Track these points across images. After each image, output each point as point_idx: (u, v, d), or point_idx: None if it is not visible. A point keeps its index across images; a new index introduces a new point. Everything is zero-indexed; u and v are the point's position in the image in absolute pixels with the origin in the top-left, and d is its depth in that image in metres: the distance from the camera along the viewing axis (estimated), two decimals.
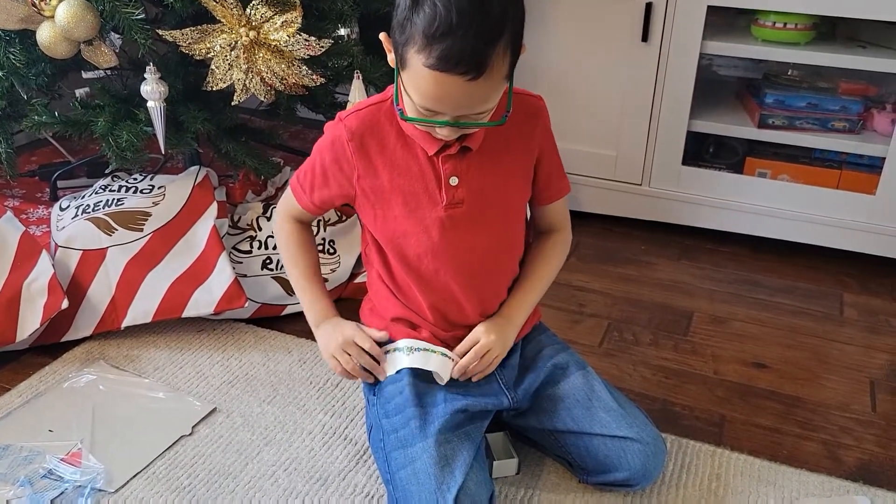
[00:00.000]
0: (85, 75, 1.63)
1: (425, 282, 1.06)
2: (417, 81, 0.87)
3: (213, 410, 1.26)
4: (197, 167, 1.65)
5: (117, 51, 1.43)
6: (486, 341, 1.06)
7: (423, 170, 1.01)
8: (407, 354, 1.06)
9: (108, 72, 1.57)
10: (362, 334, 1.08)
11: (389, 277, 1.09)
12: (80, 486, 1.10)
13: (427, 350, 1.05)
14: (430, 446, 0.98)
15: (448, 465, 0.96)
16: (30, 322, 1.35)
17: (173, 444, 1.19)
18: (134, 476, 1.12)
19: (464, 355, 1.06)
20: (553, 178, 1.11)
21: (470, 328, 1.09)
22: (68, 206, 1.61)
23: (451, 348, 1.08)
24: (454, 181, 1.01)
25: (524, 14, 0.88)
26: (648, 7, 1.67)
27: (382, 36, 0.93)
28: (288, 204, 1.14)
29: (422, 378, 1.07)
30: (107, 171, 1.71)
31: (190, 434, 1.21)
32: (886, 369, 1.42)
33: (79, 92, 1.65)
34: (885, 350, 1.47)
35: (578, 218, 1.33)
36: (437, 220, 1.02)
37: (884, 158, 1.63)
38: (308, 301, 1.13)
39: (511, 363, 1.12)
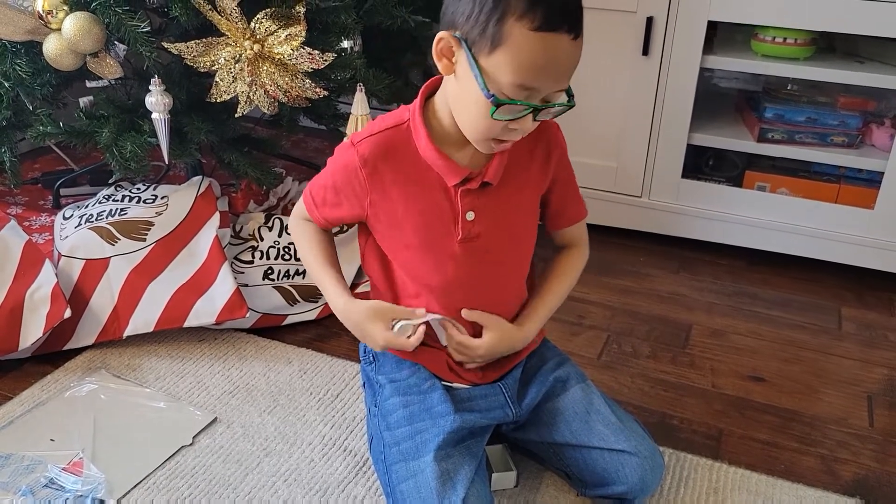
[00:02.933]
0: (89, 84, 1.64)
1: (434, 301, 1.05)
2: (521, 53, 0.84)
3: (214, 420, 1.27)
4: (199, 177, 1.66)
5: (121, 60, 1.45)
6: (479, 343, 1.06)
7: (439, 202, 1.00)
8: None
9: (113, 81, 1.58)
10: (394, 340, 1.00)
11: (392, 295, 1.08)
12: (81, 495, 1.10)
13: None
14: (432, 460, 0.98)
15: (450, 480, 0.96)
16: (32, 331, 1.36)
17: (174, 453, 1.19)
18: (135, 486, 1.13)
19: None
20: (568, 203, 1.11)
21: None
22: (72, 215, 1.62)
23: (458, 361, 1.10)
24: (471, 216, 1.00)
25: None
26: (649, 21, 1.68)
27: (443, 35, 0.89)
28: (301, 211, 1.12)
29: (425, 392, 1.08)
30: (110, 182, 1.72)
31: (190, 444, 1.22)
32: (884, 384, 1.42)
33: (82, 100, 1.67)
34: (883, 364, 1.48)
35: None
36: (451, 254, 1.02)
37: (882, 173, 1.64)
38: (327, 286, 1.08)
39: (513, 376, 1.12)
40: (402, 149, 0.99)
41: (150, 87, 1.38)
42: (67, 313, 1.37)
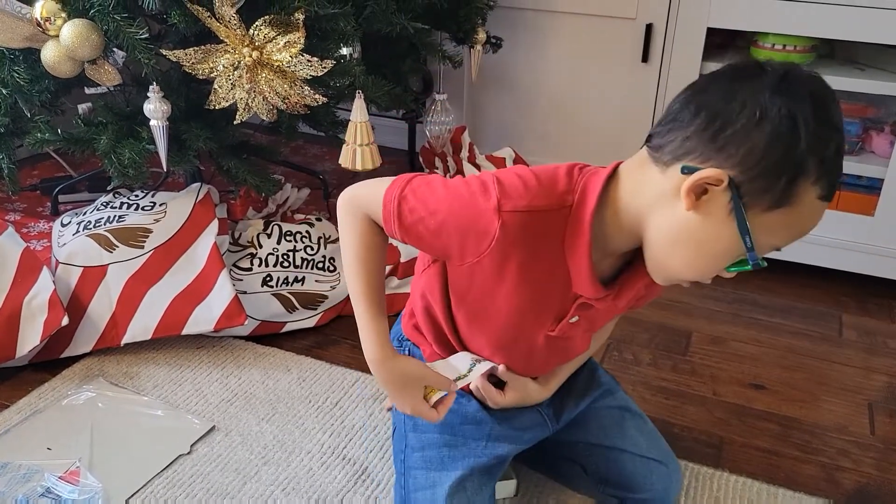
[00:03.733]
0: (87, 91, 1.63)
1: (484, 352, 1.01)
2: (801, 218, 0.73)
3: (212, 429, 1.26)
4: (198, 184, 1.65)
5: (120, 67, 1.44)
6: (500, 399, 1.01)
7: (550, 302, 0.89)
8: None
9: (111, 88, 1.57)
10: (423, 412, 0.92)
11: (449, 326, 1.00)
12: None
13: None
14: (454, 478, 0.95)
15: (469, 501, 0.94)
16: (30, 338, 1.36)
17: (172, 462, 1.19)
18: (132, 495, 1.12)
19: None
20: (639, 304, 1.04)
21: None
22: (70, 222, 1.61)
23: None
24: (574, 320, 0.92)
25: None
26: (649, 28, 1.68)
27: (718, 174, 0.71)
28: (371, 208, 0.89)
29: (461, 401, 1.03)
30: (109, 188, 1.71)
31: (188, 452, 1.21)
32: (885, 391, 1.42)
33: (81, 107, 1.66)
34: (884, 372, 1.48)
35: None
36: (532, 339, 0.95)
37: (882, 180, 1.64)
38: (366, 325, 0.92)
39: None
40: (548, 237, 0.82)
41: (149, 94, 1.38)
42: (65, 321, 1.37)
